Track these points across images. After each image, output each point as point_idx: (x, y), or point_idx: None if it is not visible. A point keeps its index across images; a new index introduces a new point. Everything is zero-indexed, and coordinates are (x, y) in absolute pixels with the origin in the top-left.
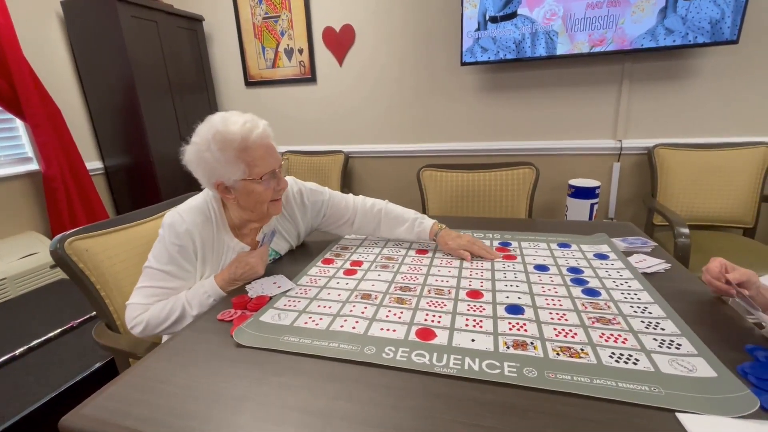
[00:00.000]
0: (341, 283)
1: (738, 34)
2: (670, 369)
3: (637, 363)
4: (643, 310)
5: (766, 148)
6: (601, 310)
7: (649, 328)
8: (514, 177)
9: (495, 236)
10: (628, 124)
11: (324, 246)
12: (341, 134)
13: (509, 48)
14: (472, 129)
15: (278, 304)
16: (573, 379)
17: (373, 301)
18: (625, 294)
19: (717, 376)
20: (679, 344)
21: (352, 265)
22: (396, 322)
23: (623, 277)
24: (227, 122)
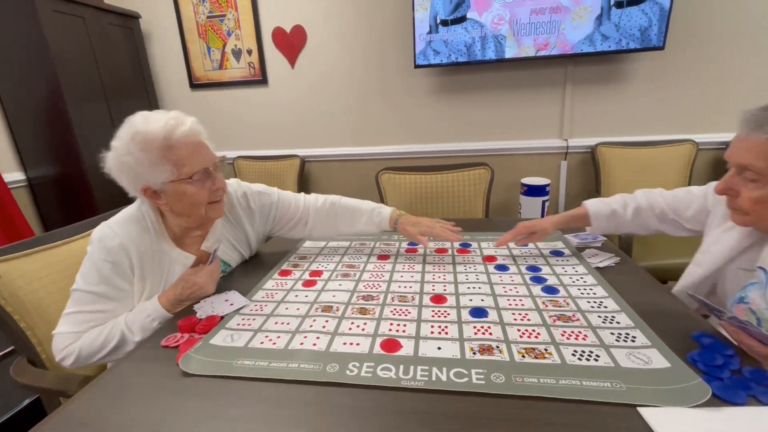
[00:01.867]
0: (300, 296)
1: (664, 41)
2: (628, 363)
3: (598, 359)
4: (599, 304)
5: (691, 144)
6: (560, 307)
7: (606, 322)
8: (470, 177)
9: None
10: (572, 124)
11: (281, 256)
12: (296, 138)
13: (461, 51)
14: (429, 131)
15: (231, 323)
16: (539, 382)
17: (334, 313)
18: (581, 290)
19: (671, 366)
20: (634, 337)
21: (311, 276)
22: (359, 334)
23: (578, 272)
24: (148, 121)
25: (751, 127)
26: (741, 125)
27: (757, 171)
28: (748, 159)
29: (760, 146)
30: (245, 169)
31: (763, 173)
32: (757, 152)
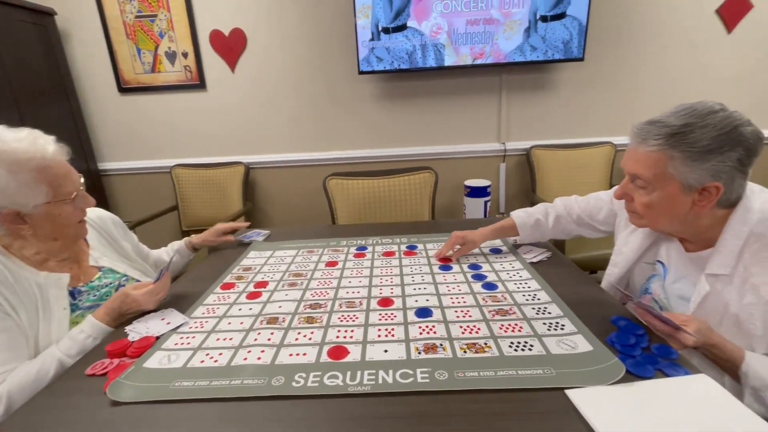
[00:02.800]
0: (244, 309)
1: (583, 53)
2: (558, 349)
3: (532, 349)
4: (533, 297)
5: (611, 146)
6: (499, 302)
7: (539, 313)
8: (415, 181)
9: (402, 240)
10: (509, 128)
11: (223, 269)
12: (240, 144)
13: (403, 58)
14: (375, 136)
15: (167, 343)
16: (480, 375)
17: (280, 324)
18: (517, 284)
19: (593, 349)
20: (563, 325)
21: (256, 287)
22: (306, 344)
23: (515, 268)
24: (7, 140)
25: (638, 141)
26: (630, 138)
27: (645, 180)
28: (637, 169)
29: (646, 158)
30: (184, 178)
31: (650, 181)
32: (644, 163)
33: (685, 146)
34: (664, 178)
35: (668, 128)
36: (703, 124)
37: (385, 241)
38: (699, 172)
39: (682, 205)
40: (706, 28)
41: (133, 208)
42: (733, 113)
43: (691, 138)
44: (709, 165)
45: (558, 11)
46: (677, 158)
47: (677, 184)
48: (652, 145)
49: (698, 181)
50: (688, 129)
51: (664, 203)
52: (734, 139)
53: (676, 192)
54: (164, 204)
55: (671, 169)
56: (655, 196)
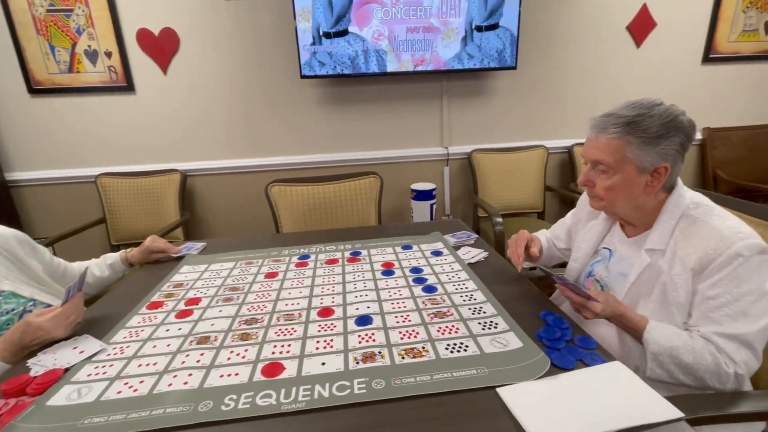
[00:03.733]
0: (172, 330)
1: (516, 62)
2: (491, 348)
3: (467, 349)
4: (470, 297)
5: (543, 149)
6: (438, 304)
7: (475, 313)
8: (361, 186)
9: (346, 247)
10: (451, 133)
11: (151, 287)
12: (175, 150)
13: (345, 63)
14: (319, 141)
15: (78, 375)
16: (416, 381)
17: (212, 344)
18: (456, 285)
19: (523, 346)
20: (496, 323)
21: (187, 305)
22: (239, 363)
23: (454, 269)
24: None
25: (598, 130)
26: (590, 129)
27: (606, 164)
28: (599, 155)
29: (606, 145)
30: (113, 188)
31: (611, 166)
32: (605, 149)
33: (639, 132)
34: (623, 162)
35: (624, 118)
36: (651, 114)
37: (329, 249)
38: (652, 155)
39: (638, 186)
40: (619, 42)
41: (51, 222)
42: (671, 106)
43: (644, 125)
44: (659, 148)
45: (491, 22)
46: (633, 143)
47: (633, 167)
48: (611, 133)
49: (651, 163)
50: (640, 118)
51: (623, 185)
52: (676, 126)
53: (633, 174)
54: (89, 217)
55: (629, 153)
56: (616, 179)
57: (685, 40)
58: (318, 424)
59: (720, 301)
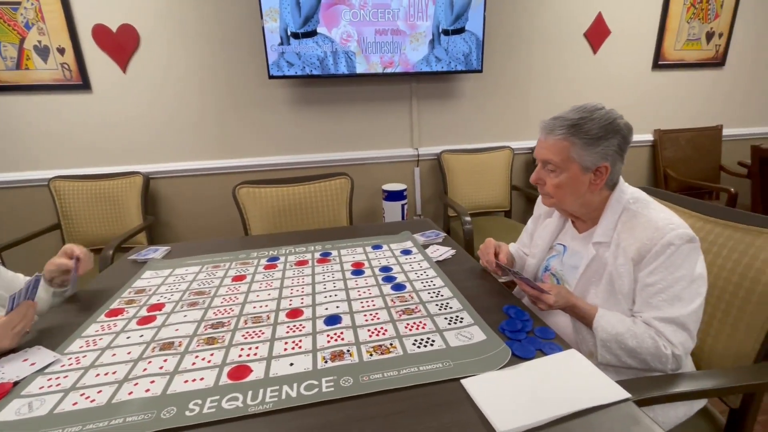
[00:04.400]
0: (133, 337)
1: (482, 65)
2: (456, 342)
3: (433, 344)
4: (437, 294)
5: (509, 150)
6: (406, 302)
7: (442, 309)
8: (331, 187)
9: (316, 248)
10: (421, 134)
11: (112, 293)
12: (136, 152)
13: (314, 64)
14: (288, 142)
15: (30, 388)
16: (384, 376)
17: (176, 349)
18: (424, 283)
19: (486, 338)
20: (461, 318)
21: (149, 311)
22: (205, 368)
23: (423, 267)
24: None
25: (546, 132)
26: (540, 131)
27: (554, 164)
28: (548, 155)
29: (553, 145)
30: (68, 192)
31: (558, 165)
32: (553, 150)
33: (582, 134)
34: (569, 161)
35: (568, 121)
36: (592, 117)
37: (299, 250)
38: (593, 155)
39: (582, 184)
40: (577, 48)
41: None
42: (610, 110)
43: (586, 128)
44: (600, 149)
45: (458, 26)
46: (577, 144)
47: (578, 166)
48: (558, 134)
49: (593, 163)
50: (583, 121)
51: (569, 183)
52: (614, 129)
53: (578, 173)
54: (41, 222)
55: (573, 153)
56: (563, 177)
57: (636, 48)
58: (285, 425)
59: (657, 288)
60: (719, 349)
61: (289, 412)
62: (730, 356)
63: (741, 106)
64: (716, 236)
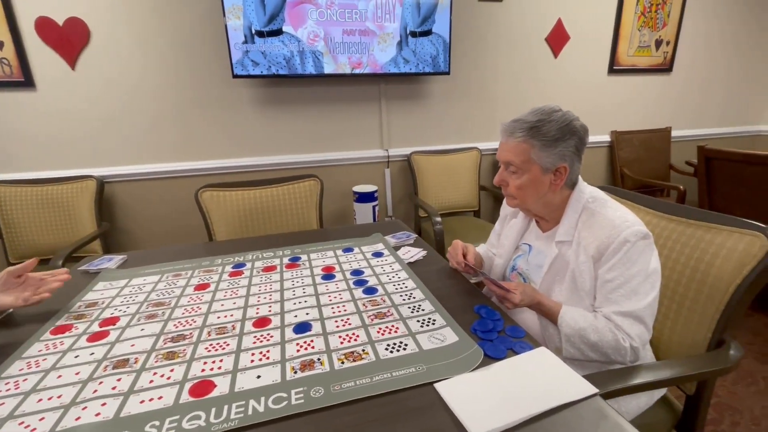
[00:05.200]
0: (82, 356)
1: (449, 68)
2: (429, 344)
3: (406, 348)
4: (409, 296)
5: (477, 151)
6: (378, 305)
7: (414, 312)
8: (300, 190)
9: (285, 252)
10: (390, 135)
11: (58, 308)
12: (89, 155)
13: (280, 64)
14: (254, 143)
15: None
16: (356, 384)
17: (131, 367)
18: (396, 285)
19: (459, 340)
20: (434, 320)
21: (102, 326)
22: (164, 385)
23: (394, 269)
24: None
25: (507, 135)
26: (501, 134)
27: (516, 165)
28: (510, 157)
29: (514, 148)
30: (10, 198)
31: (519, 166)
32: (514, 152)
33: (540, 136)
34: (529, 163)
35: (527, 123)
36: (550, 119)
37: (267, 255)
38: (552, 156)
39: (543, 184)
40: (540, 52)
41: None
42: (567, 112)
43: (544, 130)
44: (558, 150)
45: (425, 28)
46: (536, 146)
47: (538, 167)
48: (518, 137)
49: (552, 164)
50: (541, 123)
51: (531, 184)
52: (571, 131)
53: (538, 174)
54: None
55: (533, 155)
56: (524, 179)
57: (594, 53)
58: None
59: (616, 283)
60: (676, 339)
61: (256, 428)
62: (686, 345)
63: (687, 110)
64: (670, 232)
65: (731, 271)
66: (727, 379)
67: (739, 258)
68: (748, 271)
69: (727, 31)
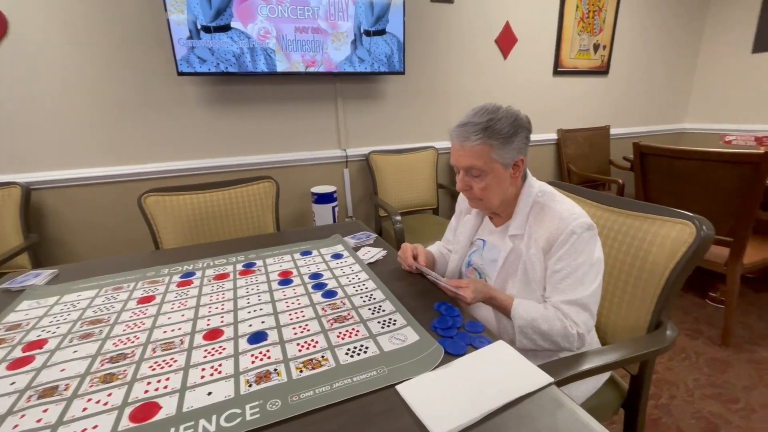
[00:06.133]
0: (2, 386)
1: (404, 67)
2: (390, 345)
3: (367, 351)
4: (370, 297)
5: (433, 150)
6: (338, 309)
7: (375, 313)
8: (254, 192)
9: (239, 258)
10: (348, 135)
11: None
12: (11, 160)
13: (230, 61)
14: (203, 145)
15: None
16: (315, 393)
17: (61, 395)
18: (356, 287)
19: (419, 339)
20: (394, 320)
21: (25, 351)
22: (100, 412)
23: (354, 271)
24: None
25: (462, 140)
26: (453, 140)
27: (479, 168)
28: (470, 161)
29: (473, 151)
30: None
31: (483, 169)
32: (473, 155)
33: (497, 135)
34: (491, 162)
35: (479, 125)
36: (499, 117)
37: (219, 262)
38: (511, 152)
39: (505, 181)
40: (490, 53)
41: None
42: (509, 107)
43: (498, 127)
44: (515, 145)
45: (379, 27)
46: (495, 145)
47: (500, 165)
48: (474, 140)
49: (512, 159)
50: (492, 122)
51: (495, 183)
52: (520, 124)
53: (500, 171)
54: None
55: (494, 155)
56: (489, 180)
57: (540, 55)
58: None
59: (563, 273)
60: (620, 323)
61: None
62: (629, 327)
63: (623, 109)
64: (612, 223)
65: (665, 257)
66: (664, 356)
67: (671, 245)
68: (680, 256)
69: (654, 39)
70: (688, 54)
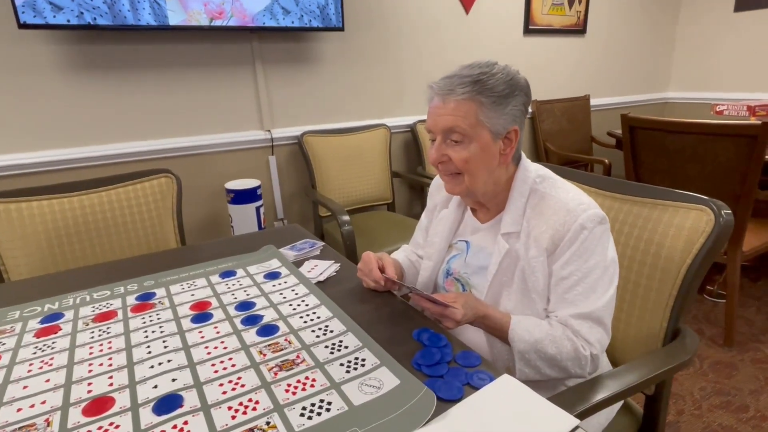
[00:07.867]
0: None
1: (342, 23)
2: (361, 397)
3: (330, 408)
4: (324, 331)
5: (385, 129)
6: (282, 350)
7: (334, 351)
8: (145, 192)
9: (129, 288)
10: (273, 112)
11: None
12: None
13: (99, 9)
14: (66, 128)
15: None
16: None
17: None
18: (303, 317)
19: (400, 383)
20: (363, 359)
21: None
22: None
23: (299, 295)
24: None
25: (444, 94)
26: (433, 95)
27: (461, 131)
28: (452, 121)
29: (457, 108)
30: None
31: (466, 133)
32: (456, 114)
33: (488, 92)
34: (478, 126)
35: (469, 77)
36: (492, 72)
37: (99, 296)
38: (503, 117)
39: (494, 155)
40: (449, 7)
41: None
42: (506, 65)
43: (490, 84)
44: (509, 109)
45: None
46: (485, 104)
47: (488, 132)
48: (461, 93)
49: (503, 127)
50: (485, 77)
51: (480, 155)
52: (516, 85)
53: (488, 141)
54: None
55: (482, 116)
56: (473, 148)
57: (508, 9)
58: None
59: (573, 280)
60: (631, 334)
61: None
62: (642, 339)
63: (602, 76)
64: (616, 212)
65: (680, 251)
66: None
67: (687, 236)
68: (698, 249)
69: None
70: (668, 10)
